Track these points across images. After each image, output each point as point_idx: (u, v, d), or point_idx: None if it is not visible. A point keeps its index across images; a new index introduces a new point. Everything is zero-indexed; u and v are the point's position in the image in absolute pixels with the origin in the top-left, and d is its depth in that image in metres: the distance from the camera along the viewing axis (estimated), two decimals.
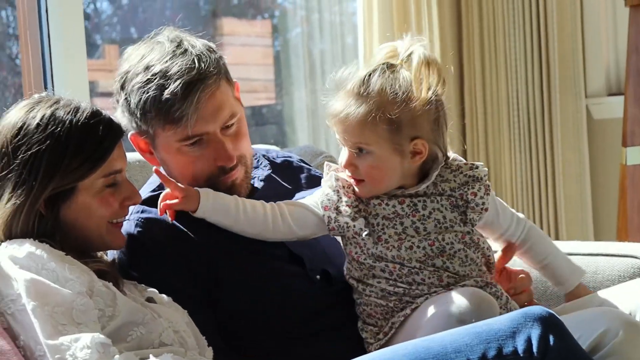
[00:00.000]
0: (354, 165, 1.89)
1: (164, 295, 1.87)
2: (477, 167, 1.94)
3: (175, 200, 1.90)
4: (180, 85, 1.90)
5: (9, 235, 1.74)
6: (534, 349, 1.56)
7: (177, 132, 1.93)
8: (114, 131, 1.81)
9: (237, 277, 1.95)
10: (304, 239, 1.98)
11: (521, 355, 1.56)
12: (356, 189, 1.91)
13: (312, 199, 1.97)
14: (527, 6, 3.81)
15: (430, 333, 1.71)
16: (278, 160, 2.24)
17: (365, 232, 1.89)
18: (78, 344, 1.57)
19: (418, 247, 1.88)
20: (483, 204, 1.91)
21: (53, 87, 2.90)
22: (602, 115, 3.95)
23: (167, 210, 1.91)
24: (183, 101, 1.90)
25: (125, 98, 1.94)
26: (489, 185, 1.93)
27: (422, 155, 1.89)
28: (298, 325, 1.95)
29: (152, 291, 1.88)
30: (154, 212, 1.98)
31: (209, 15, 4.38)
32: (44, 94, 1.84)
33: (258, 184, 2.11)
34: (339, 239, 2.03)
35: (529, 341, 1.56)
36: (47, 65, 2.99)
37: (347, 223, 1.91)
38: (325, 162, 1.99)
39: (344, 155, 1.91)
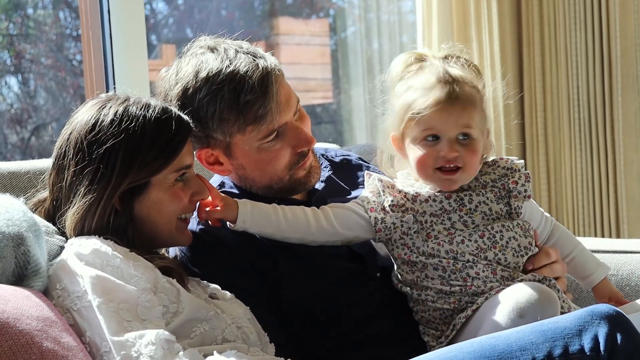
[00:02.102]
0: (457, 151, 1.88)
1: (226, 292, 1.89)
2: (512, 161, 1.96)
3: (217, 208, 1.89)
4: (256, 82, 1.90)
5: (81, 231, 1.76)
6: (602, 348, 1.54)
7: (260, 131, 1.93)
8: (184, 126, 1.83)
9: (298, 275, 1.95)
10: (348, 242, 1.97)
11: (588, 353, 1.54)
12: (447, 185, 1.90)
13: (355, 203, 1.96)
14: (588, 1, 3.76)
15: (493, 330, 1.71)
16: (337, 159, 2.25)
17: (414, 229, 1.89)
18: (143, 341, 1.58)
19: (470, 240, 1.88)
20: (525, 190, 1.93)
21: (115, 87, 2.94)
22: None
23: (208, 219, 1.91)
24: (264, 98, 1.91)
25: (192, 116, 1.91)
26: (528, 174, 1.95)
27: (489, 143, 1.94)
28: (358, 322, 1.95)
29: (215, 287, 1.89)
30: None
31: (264, 15, 4.40)
32: (110, 93, 1.86)
33: (319, 185, 2.11)
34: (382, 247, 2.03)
35: (595, 340, 1.54)
36: (109, 66, 3.02)
37: (394, 223, 1.91)
38: (366, 172, 1.99)
39: (444, 145, 1.87)
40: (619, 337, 1.54)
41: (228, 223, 1.91)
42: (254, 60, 1.93)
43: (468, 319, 1.87)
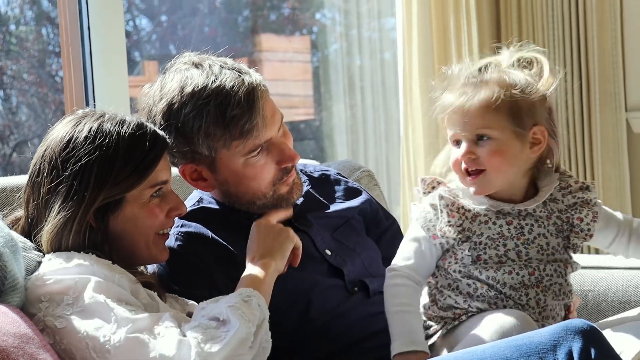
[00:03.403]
0: (474, 154, 1.85)
1: None
2: (587, 188, 1.91)
3: None
4: (242, 97, 1.91)
5: (58, 248, 1.75)
6: None
7: (246, 145, 1.94)
8: (159, 142, 1.83)
9: (277, 290, 1.95)
10: None
11: None
12: (474, 188, 1.86)
13: (414, 235, 1.91)
14: (567, 19, 3.79)
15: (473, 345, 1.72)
16: (316, 175, 2.26)
17: (468, 255, 1.87)
18: (164, 323, 1.62)
19: (517, 274, 1.85)
20: (588, 230, 1.89)
21: (94, 103, 2.93)
22: None
23: None
24: (250, 113, 1.92)
25: (177, 131, 1.93)
26: (597, 212, 1.89)
27: (541, 146, 1.86)
28: (338, 336, 1.95)
29: (193, 304, 1.89)
30: (194, 227, 2.01)
31: (247, 32, 4.40)
32: (87, 109, 1.86)
33: (298, 200, 2.12)
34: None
35: (570, 354, 1.55)
36: (89, 82, 3.01)
37: (454, 240, 1.88)
38: (421, 178, 1.94)
39: (462, 148, 1.85)
40: (593, 351, 1.55)
41: None
42: (240, 75, 1.94)
43: (460, 323, 1.88)
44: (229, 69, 1.95)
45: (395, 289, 1.89)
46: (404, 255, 1.91)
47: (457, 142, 1.87)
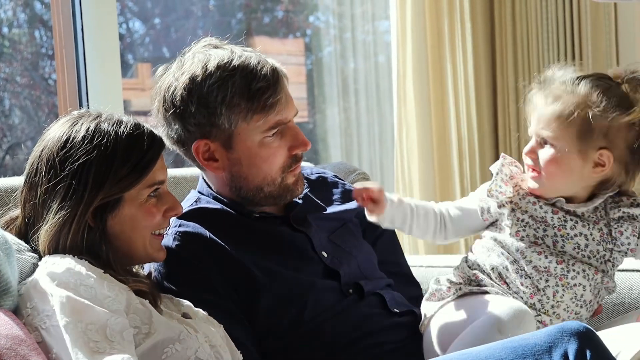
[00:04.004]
0: (535, 154, 1.91)
1: (199, 310, 1.88)
2: (637, 205, 1.92)
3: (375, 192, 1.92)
4: (268, 72, 1.95)
5: (56, 248, 1.75)
6: None
7: (266, 121, 1.96)
8: (156, 142, 1.83)
9: (273, 293, 1.96)
10: None
11: None
12: (530, 183, 1.92)
13: (471, 194, 2.01)
14: (561, 23, 3.80)
15: (470, 337, 1.77)
16: (313, 177, 2.26)
17: (508, 226, 1.91)
18: None
19: (546, 258, 1.89)
20: (629, 244, 1.91)
21: (88, 105, 2.93)
22: None
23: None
24: (275, 87, 1.95)
25: (199, 101, 1.94)
26: (637, 227, 1.91)
27: (604, 169, 1.88)
28: (332, 337, 1.95)
29: (188, 305, 1.89)
30: (192, 226, 2.01)
31: (241, 34, 4.40)
32: (83, 110, 1.86)
33: (299, 200, 2.12)
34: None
35: (565, 356, 1.55)
36: (82, 84, 3.01)
37: (498, 213, 1.94)
38: (502, 154, 2.00)
39: (529, 144, 1.92)
40: (588, 353, 1.55)
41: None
42: (262, 56, 1.99)
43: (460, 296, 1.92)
44: (250, 52, 1.99)
45: (428, 204, 2.00)
46: (453, 202, 2.03)
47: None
